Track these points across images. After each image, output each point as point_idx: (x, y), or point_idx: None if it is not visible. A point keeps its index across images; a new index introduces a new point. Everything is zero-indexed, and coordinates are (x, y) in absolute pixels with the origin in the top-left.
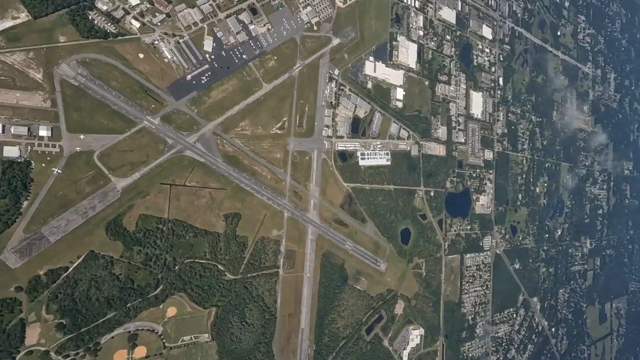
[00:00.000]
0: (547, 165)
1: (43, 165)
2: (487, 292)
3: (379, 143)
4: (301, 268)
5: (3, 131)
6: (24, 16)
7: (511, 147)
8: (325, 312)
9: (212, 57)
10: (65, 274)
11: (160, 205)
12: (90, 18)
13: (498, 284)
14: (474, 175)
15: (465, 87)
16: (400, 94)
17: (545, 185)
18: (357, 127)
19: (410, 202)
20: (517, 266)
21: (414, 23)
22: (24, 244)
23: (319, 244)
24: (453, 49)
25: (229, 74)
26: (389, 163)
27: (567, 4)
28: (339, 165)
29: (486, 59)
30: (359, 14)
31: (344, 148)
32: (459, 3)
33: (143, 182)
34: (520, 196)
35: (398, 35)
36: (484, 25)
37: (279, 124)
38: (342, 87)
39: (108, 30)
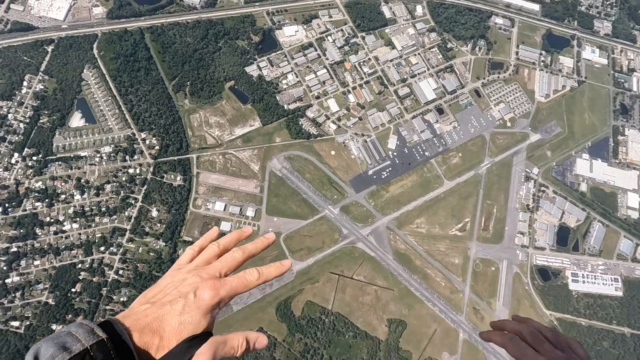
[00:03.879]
0: None
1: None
2: None
3: (601, 263)
4: None
5: (224, 209)
6: (257, 124)
7: None
8: None
9: (395, 153)
10: None
11: (326, 294)
12: (300, 123)
13: None
14: None
15: None
16: (634, 200)
17: None
18: (566, 239)
19: None
20: None
21: None
22: None
23: None
24: None
25: (409, 170)
26: (619, 294)
27: None
28: (537, 285)
29: None
30: (566, 107)
31: (545, 263)
32: None
33: (315, 269)
34: None
35: (627, 129)
36: None
37: (459, 225)
38: (543, 189)
39: (311, 132)
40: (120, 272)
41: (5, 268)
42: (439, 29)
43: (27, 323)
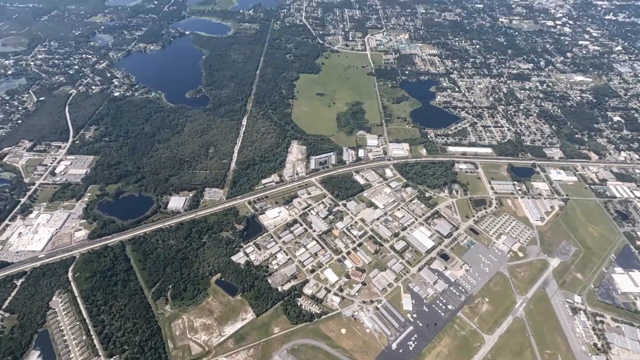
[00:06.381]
0: None
1: None
2: None
3: None
4: None
5: None
6: (249, 316)
7: None
8: None
9: (414, 315)
10: None
11: None
12: (299, 304)
13: None
14: None
15: None
16: None
17: None
18: None
19: None
20: None
21: None
22: None
23: None
24: None
25: (437, 332)
26: None
27: None
28: None
29: None
30: (567, 226)
31: None
32: None
33: None
34: None
35: (638, 233)
36: None
37: None
38: (599, 318)
39: (313, 312)
40: None
41: None
42: (412, 183)
43: None
